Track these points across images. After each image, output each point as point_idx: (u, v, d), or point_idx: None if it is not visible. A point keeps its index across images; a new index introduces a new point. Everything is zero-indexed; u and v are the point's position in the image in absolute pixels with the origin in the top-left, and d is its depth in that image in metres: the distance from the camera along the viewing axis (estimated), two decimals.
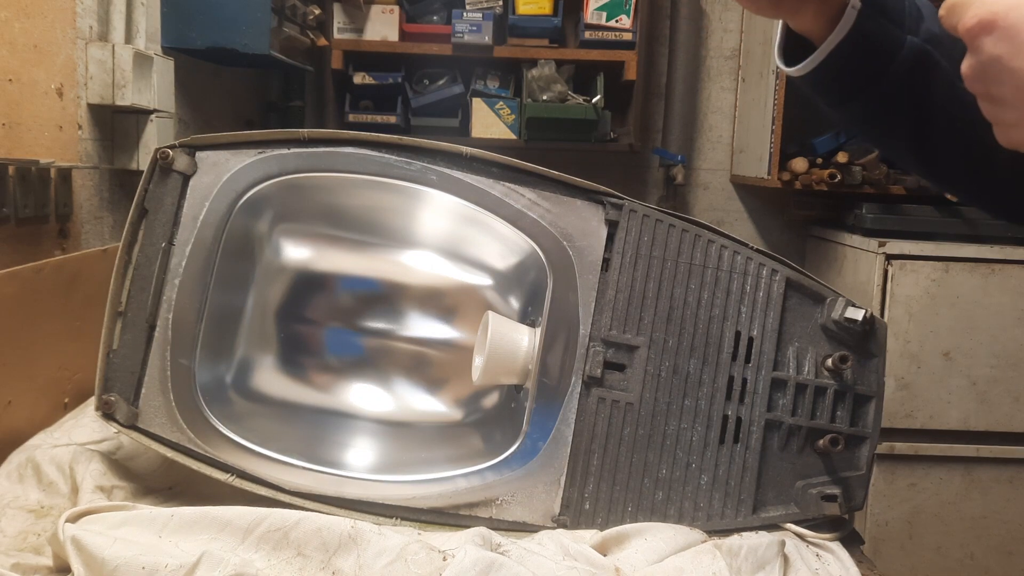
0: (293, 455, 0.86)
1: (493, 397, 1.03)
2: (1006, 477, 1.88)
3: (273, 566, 0.72)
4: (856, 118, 0.78)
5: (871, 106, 0.75)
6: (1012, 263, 1.81)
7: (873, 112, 0.76)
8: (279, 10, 1.65)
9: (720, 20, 2.33)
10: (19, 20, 1.10)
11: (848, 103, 0.76)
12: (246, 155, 0.89)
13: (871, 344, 0.90)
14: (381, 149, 0.91)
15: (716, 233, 0.91)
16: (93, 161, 1.31)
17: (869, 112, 0.76)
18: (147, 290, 0.86)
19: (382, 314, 1.04)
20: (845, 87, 0.75)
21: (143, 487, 0.89)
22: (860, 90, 0.74)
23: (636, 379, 0.87)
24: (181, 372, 0.86)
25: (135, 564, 0.68)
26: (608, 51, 2.09)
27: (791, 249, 2.34)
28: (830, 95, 0.77)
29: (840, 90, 0.75)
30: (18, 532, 0.80)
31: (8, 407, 0.97)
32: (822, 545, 0.85)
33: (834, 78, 0.74)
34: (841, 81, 0.74)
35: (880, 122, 0.77)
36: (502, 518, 0.85)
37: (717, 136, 2.37)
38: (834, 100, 0.77)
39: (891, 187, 1.98)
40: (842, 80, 0.74)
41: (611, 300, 0.88)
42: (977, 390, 1.84)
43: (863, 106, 0.76)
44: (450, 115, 2.11)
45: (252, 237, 0.97)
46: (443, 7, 2.10)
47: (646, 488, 0.86)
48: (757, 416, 0.88)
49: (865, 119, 0.78)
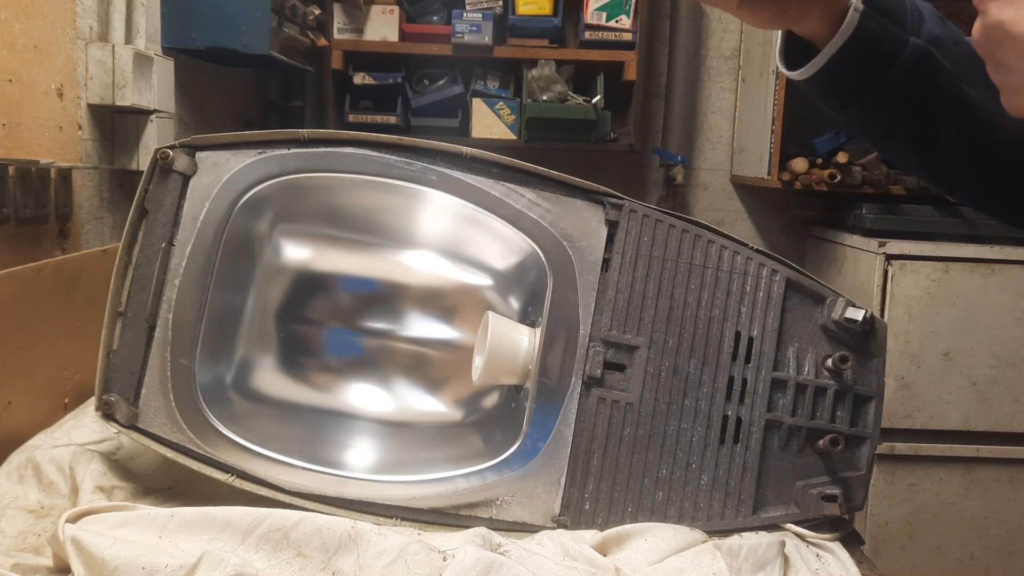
0: (293, 455, 0.86)
1: (493, 397, 1.03)
2: (1006, 477, 1.88)
3: (273, 566, 0.72)
4: (859, 121, 0.78)
5: (874, 109, 0.75)
6: (1012, 263, 1.81)
7: (876, 115, 0.76)
8: (279, 10, 1.65)
9: (720, 20, 2.33)
10: (19, 20, 1.10)
11: (851, 106, 0.76)
12: (246, 155, 0.89)
13: (871, 344, 0.90)
14: (381, 149, 0.91)
15: (716, 233, 0.91)
16: (93, 161, 1.31)
17: (872, 115, 0.76)
18: (147, 290, 0.86)
19: (382, 314, 1.04)
20: (848, 90, 0.75)
21: (143, 487, 0.89)
22: (863, 93, 0.74)
23: (636, 379, 0.87)
24: (181, 372, 0.86)
25: (135, 564, 0.68)
26: (608, 51, 2.08)
27: (791, 249, 2.34)
28: (833, 98, 0.77)
29: (843, 93, 0.75)
30: (18, 532, 0.80)
31: (8, 407, 0.97)
32: (822, 545, 0.85)
33: (837, 81, 0.74)
34: (844, 84, 0.74)
35: (883, 125, 0.77)
36: (502, 518, 0.85)
37: (717, 136, 2.37)
38: (837, 103, 0.77)
39: (891, 187, 1.98)
40: (845, 83, 0.74)
41: (611, 300, 0.88)
42: (977, 390, 1.84)
43: (866, 109, 0.76)
44: (450, 115, 2.11)
45: (252, 237, 0.97)
46: (443, 7, 2.10)
47: (646, 488, 0.86)
48: (757, 416, 0.88)
49: (868, 122, 0.78)
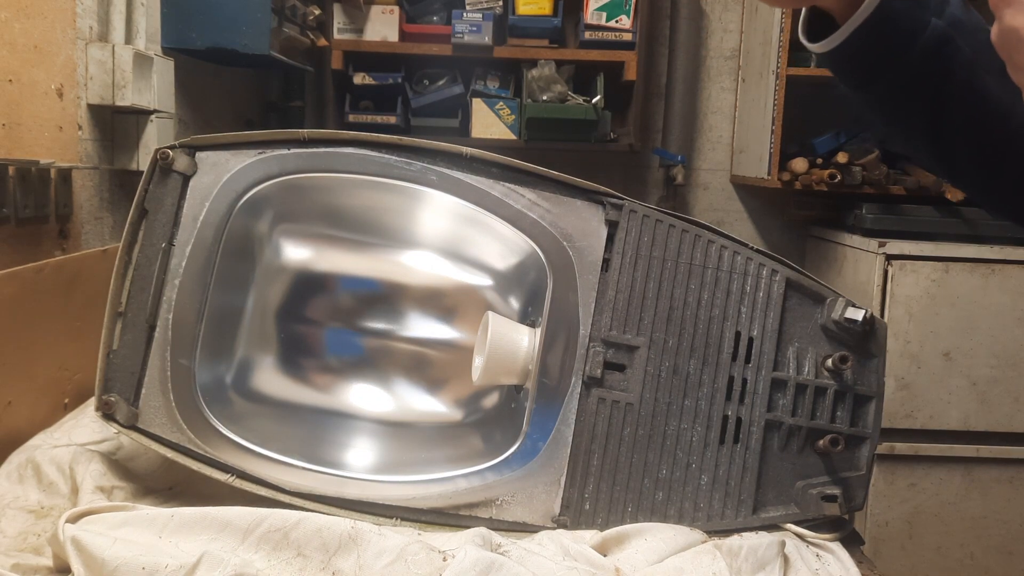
0: (293, 455, 0.86)
1: (493, 397, 1.03)
2: (1006, 477, 1.88)
3: (273, 566, 0.72)
4: (875, 103, 0.79)
5: (890, 90, 0.76)
6: (1012, 263, 1.81)
7: (892, 97, 0.77)
8: (279, 10, 1.65)
9: (720, 20, 2.33)
10: (19, 20, 1.10)
11: (870, 85, 0.77)
12: (246, 155, 0.89)
13: (871, 344, 0.90)
14: (381, 149, 0.91)
15: (716, 233, 0.91)
16: (93, 161, 1.31)
17: (888, 96, 0.77)
18: (147, 290, 0.86)
19: (382, 314, 1.04)
20: (867, 67, 0.75)
21: (143, 487, 0.89)
22: (882, 72, 0.75)
23: (636, 379, 0.87)
24: (181, 372, 0.86)
25: (135, 564, 0.68)
26: (608, 51, 2.09)
27: (791, 249, 2.34)
28: (852, 75, 0.78)
29: (862, 71, 0.76)
30: (18, 532, 0.80)
31: (8, 407, 0.97)
32: (822, 545, 0.85)
33: (856, 57, 0.75)
34: (864, 61, 0.75)
35: (898, 108, 0.78)
36: (502, 518, 0.85)
37: (717, 136, 2.37)
38: (856, 81, 0.78)
39: (891, 187, 1.98)
40: (865, 60, 0.75)
41: (611, 300, 0.88)
42: (977, 390, 1.84)
43: (884, 89, 0.76)
44: (450, 115, 2.11)
45: (252, 237, 0.97)
46: (443, 7, 2.10)
47: (646, 488, 0.86)
48: (757, 416, 0.88)
49: (885, 104, 0.79)
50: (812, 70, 1.97)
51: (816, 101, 2.06)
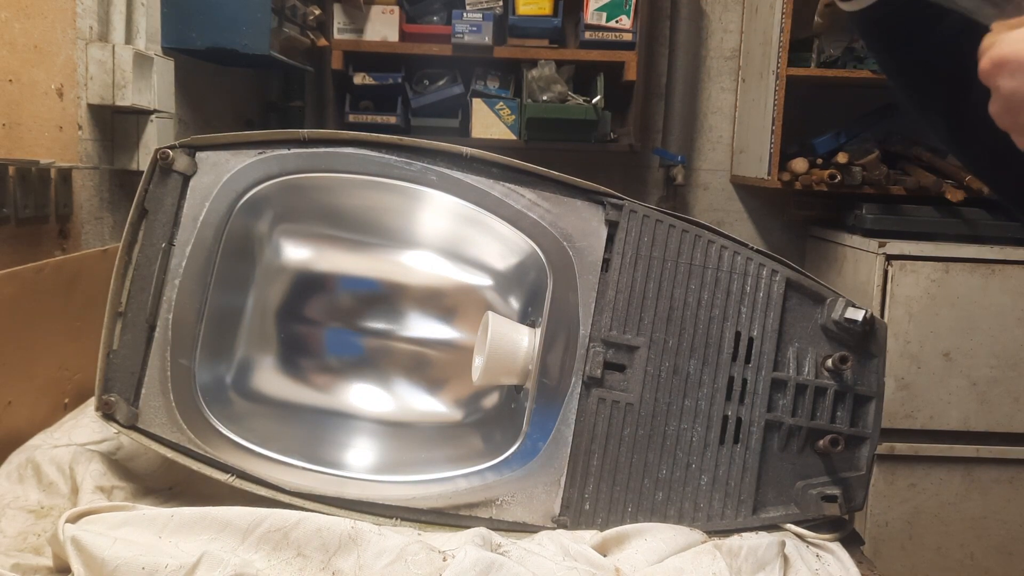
0: (293, 455, 0.86)
1: (493, 397, 1.03)
2: (1006, 477, 1.88)
3: (273, 566, 0.72)
4: (899, 72, 0.80)
5: (915, 60, 0.77)
6: (1012, 263, 1.81)
7: (916, 68, 0.77)
8: (279, 10, 1.65)
9: (720, 20, 2.33)
10: (19, 20, 1.10)
11: (895, 52, 0.77)
12: (246, 155, 0.89)
13: (871, 344, 0.90)
14: (381, 149, 0.91)
15: (716, 233, 0.91)
16: (93, 161, 1.31)
17: (912, 67, 0.78)
18: (147, 290, 0.86)
19: (382, 314, 1.04)
20: (895, 34, 0.76)
21: (143, 487, 0.89)
22: (908, 41, 0.76)
23: (636, 379, 0.87)
24: (181, 372, 0.86)
25: (135, 564, 0.68)
26: (608, 51, 2.08)
27: (791, 249, 2.34)
28: (880, 40, 0.78)
29: (889, 36, 0.77)
30: (18, 532, 0.80)
31: (8, 407, 0.97)
32: (822, 545, 0.85)
33: (885, 21, 0.75)
34: (892, 25, 0.76)
35: (920, 80, 0.79)
36: (502, 518, 0.85)
37: (717, 136, 2.37)
38: (882, 46, 0.78)
39: (891, 187, 1.98)
40: (893, 24, 0.76)
41: (611, 300, 0.88)
42: (977, 390, 1.84)
43: (908, 58, 0.77)
44: (450, 115, 2.11)
45: (252, 237, 0.97)
46: (443, 7, 2.10)
47: (646, 488, 0.86)
48: (757, 416, 0.88)
49: (907, 74, 0.79)
50: (812, 70, 1.97)
51: (816, 101, 2.07)
